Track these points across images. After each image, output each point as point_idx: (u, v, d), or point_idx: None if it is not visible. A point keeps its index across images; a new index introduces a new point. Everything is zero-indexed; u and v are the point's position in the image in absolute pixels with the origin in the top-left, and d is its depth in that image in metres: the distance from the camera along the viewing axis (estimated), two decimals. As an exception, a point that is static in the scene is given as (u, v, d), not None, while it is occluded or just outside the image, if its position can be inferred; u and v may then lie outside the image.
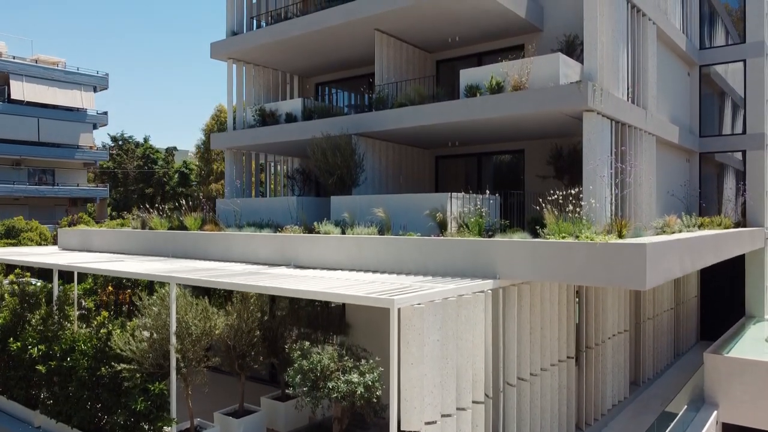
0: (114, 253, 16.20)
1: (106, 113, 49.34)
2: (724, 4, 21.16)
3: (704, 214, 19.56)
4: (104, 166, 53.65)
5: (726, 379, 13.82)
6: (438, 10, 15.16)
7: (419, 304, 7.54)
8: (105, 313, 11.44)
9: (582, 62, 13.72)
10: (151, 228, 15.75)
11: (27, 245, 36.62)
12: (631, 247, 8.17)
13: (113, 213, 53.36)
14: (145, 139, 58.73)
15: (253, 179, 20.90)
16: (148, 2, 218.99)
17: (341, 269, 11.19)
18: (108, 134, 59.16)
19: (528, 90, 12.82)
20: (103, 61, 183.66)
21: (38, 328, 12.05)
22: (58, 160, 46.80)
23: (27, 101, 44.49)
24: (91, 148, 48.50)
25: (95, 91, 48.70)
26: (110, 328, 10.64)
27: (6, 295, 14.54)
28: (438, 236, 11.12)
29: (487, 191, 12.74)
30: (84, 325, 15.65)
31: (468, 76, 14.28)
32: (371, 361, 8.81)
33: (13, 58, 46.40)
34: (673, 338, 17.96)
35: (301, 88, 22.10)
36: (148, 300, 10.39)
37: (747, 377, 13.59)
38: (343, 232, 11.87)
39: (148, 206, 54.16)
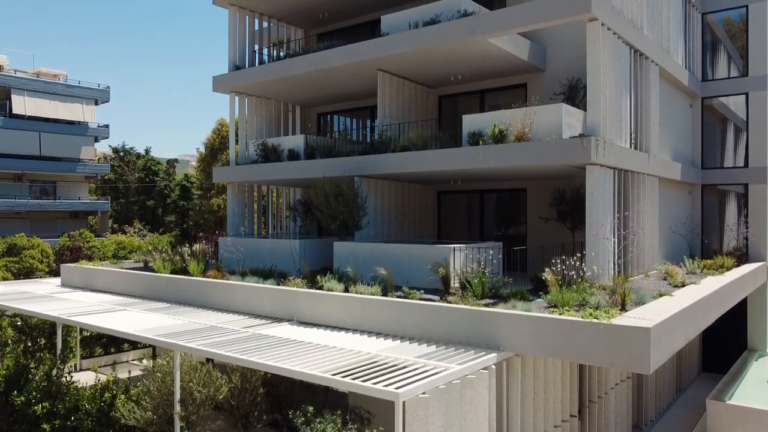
0: (116, 293, 16.21)
1: (107, 126, 49.33)
2: (725, 17, 21.07)
3: (706, 250, 19.58)
4: (106, 177, 53.67)
5: (728, 427, 13.81)
6: (440, 53, 15.18)
7: (424, 393, 7.55)
8: (110, 376, 11.46)
9: (585, 107, 13.76)
10: (153, 270, 15.76)
11: (29, 263, 36.67)
12: (635, 331, 8.17)
13: (114, 225, 53.38)
14: (146, 151, 58.76)
15: (255, 211, 20.92)
16: (149, 10, 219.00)
17: (345, 329, 11.19)
18: (109, 146, 59.13)
19: (531, 142, 12.82)
20: (104, 68, 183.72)
21: (42, 384, 12.06)
22: (59, 173, 46.81)
23: (29, 115, 44.50)
24: (92, 160, 48.47)
25: (96, 104, 48.69)
26: (114, 391, 10.65)
27: (10, 341, 14.58)
28: (442, 296, 11.11)
29: (490, 249, 12.66)
30: (86, 353, 15.64)
31: (470, 121, 14.29)
32: (375, 431, 8.84)
33: (15, 72, 46.42)
34: (675, 375, 17.95)
35: (302, 117, 22.12)
36: (153, 365, 10.41)
37: (750, 426, 13.58)
38: (347, 289, 11.87)
39: (149, 224, 53.26)
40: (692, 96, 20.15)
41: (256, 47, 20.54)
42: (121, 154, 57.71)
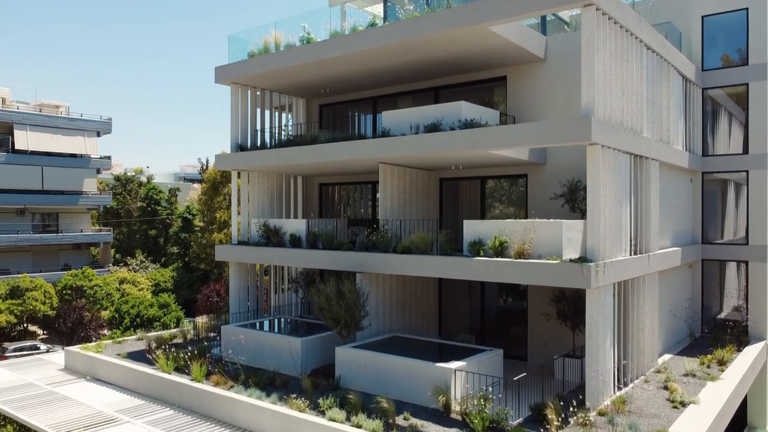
0: (119, 387, 16.32)
1: (109, 158, 49.45)
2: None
3: (707, 324, 19.66)
4: (108, 207, 53.74)
5: None
6: (442, 156, 15.27)
7: None
8: None
9: (585, 208, 13.85)
10: (157, 365, 15.86)
11: (32, 305, 36.84)
12: None
13: (117, 255, 53.51)
14: (149, 179, 58.89)
15: (258, 285, 21.01)
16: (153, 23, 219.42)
17: (347, 465, 11.30)
18: (111, 174, 59.17)
19: (531, 263, 12.88)
20: (106, 88, 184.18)
21: None
22: (62, 206, 46.92)
23: (31, 150, 44.56)
24: (94, 193, 48.48)
25: (98, 135, 48.79)
26: None
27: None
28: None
29: (490, 376, 12.75)
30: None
31: (471, 229, 14.39)
32: None
33: (17, 106, 46.55)
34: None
35: (304, 188, 22.21)
36: None
37: None
38: (348, 417, 11.96)
39: (151, 254, 52.75)
40: (693, 172, 20.21)
41: (258, 126, 20.57)
42: (123, 181, 57.81)
